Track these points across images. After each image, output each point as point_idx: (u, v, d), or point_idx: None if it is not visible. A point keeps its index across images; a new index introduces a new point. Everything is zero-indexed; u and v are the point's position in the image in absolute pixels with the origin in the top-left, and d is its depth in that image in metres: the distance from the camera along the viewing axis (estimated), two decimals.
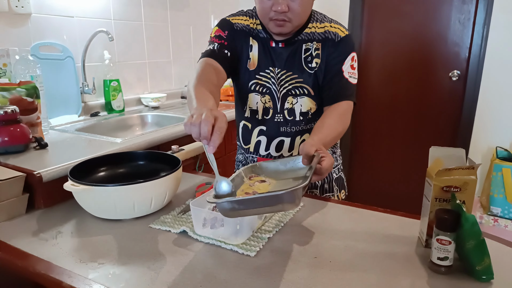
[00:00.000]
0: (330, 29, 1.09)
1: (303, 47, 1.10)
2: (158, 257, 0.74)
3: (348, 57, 1.09)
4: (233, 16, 1.14)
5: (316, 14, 1.12)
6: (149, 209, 0.91)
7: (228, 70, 1.09)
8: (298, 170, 0.89)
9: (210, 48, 1.09)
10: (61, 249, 0.78)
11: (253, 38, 1.12)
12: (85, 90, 1.84)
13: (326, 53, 1.08)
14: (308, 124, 1.15)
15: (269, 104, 1.14)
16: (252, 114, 1.17)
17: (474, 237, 0.64)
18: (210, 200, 0.68)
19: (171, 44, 2.42)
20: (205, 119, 0.68)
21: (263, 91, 1.13)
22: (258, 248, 0.76)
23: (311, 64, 1.10)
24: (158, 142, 1.46)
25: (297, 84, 1.11)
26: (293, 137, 1.15)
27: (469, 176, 0.71)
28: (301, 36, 1.10)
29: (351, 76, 1.10)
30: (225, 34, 1.11)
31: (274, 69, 1.11)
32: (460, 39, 2.46)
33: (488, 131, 2.45)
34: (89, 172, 1.01)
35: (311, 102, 1.13)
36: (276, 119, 1.14)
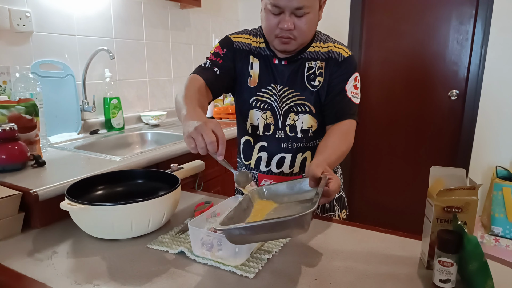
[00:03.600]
0: (333, 49, 1.11)
1: (306, 65, 1.11)
2: (155, 278, 0.72)
3: (352, 77, 1.10)
4: (236, 34, 1.17)
5: (320, 34, 1.14)
6: (146, 229, 0.90)
7: (215, 88, 1.11)
8: (305, 193, 0.88)
9: (202, 65, 1.14)
10: (56, 270, 0.76)
11: (254, 56, 1.14)
12: (85, 107, 1.84)
13: (329, 72, 1.10)
14: (309, 142, 1.16)
15: (270, 120, 1.15)
16: (253, 130, 1.18)
17: (477, 259, 0.62)
18: (218, 227, 0.67)
19: (172, 62, 2.45)
20: (209, 139, 0.81)
21: (264, 108, 1.14)
22: (257, 270, 0.75)
23: (313, 82, 1.11)
24: (157, 160, 1.45)
25: (299, 102, 1.12)
26: (294, 153, 1.15)
27: (471, 197, 0.70)
28: (304, 54, 1.11)
29: (354, 95, 1.11)
30: (222, 52, 1.14)
31: (276, 86, 1.12)
32: (458, 59, 2.49)
33: (487, 150, 2.45)
34: (87, 190, 1.00)
35: (312, 119, 1.13)
36: (277, 135, 1.15)
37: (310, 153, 1.16)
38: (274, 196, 0.90)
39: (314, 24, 1.05)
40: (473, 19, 2.40)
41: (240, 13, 3.13)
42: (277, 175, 1.18)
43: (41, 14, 1.65)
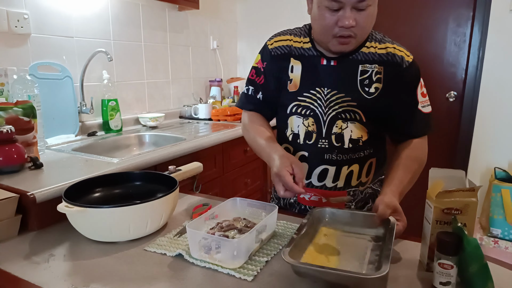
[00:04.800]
0: (394, 52, 0.97)
1: (359, 68, 0.99)
2: (153, 281, 0.72)
3: (419, 85, 1.00)
4: (276, 37, 1.08)
5: (374, 33, 1.02)
6: (144, 231, 0.89)
7: (268, 113, 1.13)
8: (367, 228, 0.85)
9: (245, 92, 1.14)
10: (53, 273, 0.75)
11: (294, 59, 1.04)
12: (83, 109, 1.84)
13: (391, 79, 0.98)
14: (357, 153, 1.03)
15: (313, 128, 1.03)
16: (294, 138, 1.07)
17: (477, 261, 0.62)
18: (289, 261, 0.65)
19: (170, 64, 2.44)
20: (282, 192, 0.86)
21: (306, 114, 1.03)
22: (256, 272, 0.74)
23: (369, 88, 0.98)
24: (155, 162, 1.45)
25: (349, 108, 1.00)
26: (339, 166, 1.03)
27: (470, 198, 0.70)
28: (356, 55, 0.99)
29: (424, 105, 1.01)
30: (263, 66, 1.08)
31: (323, 89, 1.01)
32: (456, 61, 2.49)
33: (486, 152, 2.45)
34: (84, 193, 0.99)
35: (363, 129, 1.01)
36: (319, 145, 1.03)
37: (358, 166, 1.04)
38: (336, 222, 0.87)
39: (373, 18, 0.93)
40: (471, 21, 2.41)
41: (239, 15, 3.14)
42: (319, 188, 1.05)
43: (39, 16, 1.64)
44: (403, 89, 0.99)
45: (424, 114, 1.01)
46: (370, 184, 1.09)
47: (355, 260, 0.75)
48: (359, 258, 0.75)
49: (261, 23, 3.05)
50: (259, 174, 2.38)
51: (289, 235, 0.91)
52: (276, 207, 0.90)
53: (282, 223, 0.98)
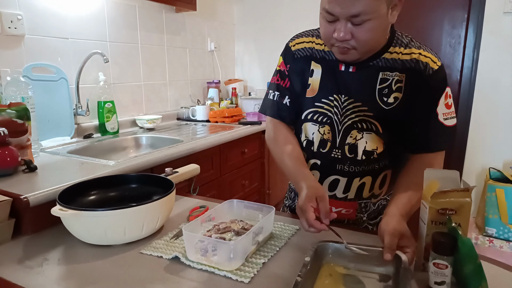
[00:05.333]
0: (419, 58, 0.90)
1: (379, 76, 0.92)
2: (149, 284, 0.71)
3: (443, 95, 0.92)
4: (298, 38, 1.04)
5: (401, 36, 0.94)
6: (140, 234, 0.89)
7: (294, 117, 1.06)
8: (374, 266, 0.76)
9: (270, 98, 1.08)
10: (47, 277, 0.75)
11: (315, 62, 0.99)
12: (78, 111, 1.83)
13: (413, 89, 0.91)
14: (370, 165, 0.98)
15: (328, 136, 0.99)
16: (308, 145, 1.03)
17: (471, 261, 0.62)
18: None
19: (167, 66, 2.44)
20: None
21: (323, 121, 0.99)
22: (253, 274, 0.74)
23: (387, 98, 0.92)
24: (152, 164, 1.44)
25: (365, 117, 0.94)
26: (351, 177, 0.99)
27: (464, 199, 0.70)
28: (378, 61, 0.92)
29: (447, 117, 0.93)
30: (287, 69, 1.04)
31: (340, 96, 0.96)
32: (451, 62, 2.51)
33: (481, 152, 2.47)
34: (79, 196, 0.99)
35: (379, 140, 0.96)
36: (333, 155, 0.99)
37: (370, 178, 0.99)
38: (340, 258, 0.78)
39: (379, 31, 0.85)
40: (465, 22, 2.42)
41: (236, 17, 3.14)
42: (330, 198, 0.98)
43: (33, 17, 1.64)
44: (424, 98, 0.91)
45: (445, 127, 0.93)
46: (384, 196, 1.05)
47: None
48: None
49: (258, 25, 3.05)
50: (256, 175, 2.38)
51: (286, 236, 0.91)
52: (273, 209, 0.90)
53: (279, 224, 0.98)
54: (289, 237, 0.91)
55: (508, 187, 2.15)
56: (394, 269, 0.73)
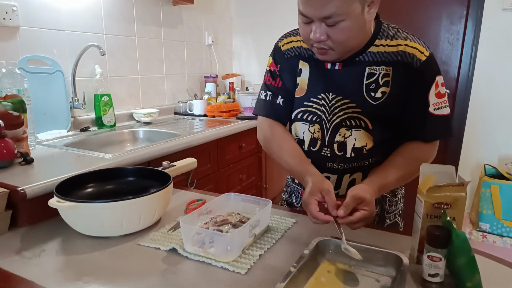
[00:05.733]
0: (405, 50, 0.89)
1: (366, 71, 0.92)
2: (146, 276, 0.72)
3: (433, 85, 0.90)
4: (286, 37, 1.04)
5: (387, 28, 0.92)
6: (137, 226, 0.89)
7: (287, 117, 1.06)
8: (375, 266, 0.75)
9: (263, 98, 1.07)
10: (45, 268, 0.75)
11: (303, 61, 0.99)
12: (75, 104, 1.82)
13: (401, 82, 0.90)
14: (360, 161, 0.98)
15: (318, 135, 0.99)
16: (299, 143, 1.03)
17: (465, 254, 0.63)
18: None
19: (164, 59, 2.43)
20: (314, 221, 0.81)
21: (313, 120, 0.99)
22: (249, 266, 0.75)
23: (374, 93, 0.91)
24: (149, 158, 1.45)
25: (354, 114, 0.94)
26: (341, 174, 1.00)
27: (459, 193, 0.71)
28: (363, 56, 0.92)
29: (438, 107, 0.91)
30: (277, 69, 1.04)
31: (328, 95, 0.96)
32: (449, 59, 2.52)
33: (476, 149, 2.49)
34: (76, 188, 0.99)
35: (368, 137, 0.95)
36: (322, 153, 0.99)
37: (361, 174, 0.99)
38: (341, 255, 0.77)
39: (355, 30, 0.84)
40: (464, 19, 2.43)
41: (233, 11, 3.13)
42: None
43: (28, 8, 1.62)
44: (414, 90, 0.90)
45: (437, 117, 0.91)
46: None
47: None
48: None
49: (256, 19, 3.04)
50: (254, 170, 2.39)
51: (282, 229, 0.91)
52: (270, 202, 0.90)
53: (276, 217, 0.98)
54: (285, 230, 0.92)
55: (502, 183, 2.17)
56: (395, 270, 0.73)
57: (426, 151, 0.95)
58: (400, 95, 0.91)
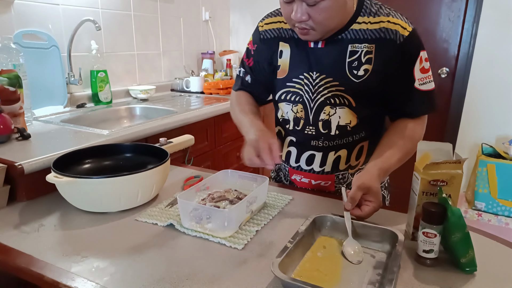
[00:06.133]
0: (388, 26, 0.87)
1: (348, 48, 0.91)
2: (144, 250, 0.73)
3: (417, 61, 0.90)
4: (267, 18, 1.03)
5: (370, 4, 0.91)
6: (135, 202, 0.89)
7: (257, 96, 1.12)
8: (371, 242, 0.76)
9: (238, 74, 1.13)
10: (43, 243, 0.76)
11: (284, 42, 0.99)
12: (71, 80, 1.80)
13: (384, 58, 0.89)
14: (344, 138, 0.99)
15: (301, 114, 1.00)
16: (284, 123, 1.06)
17: (460, 230, 0.64)
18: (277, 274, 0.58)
19: (161, 36, 2.38)
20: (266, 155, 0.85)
21: (295, 100, 1.00)
22: (246, 241, 0.75)
23: (357, 71, 0.91)
24: (146, 134, 1.44)
25: (337, 93, 0.94)
26: (326, 152, 1.01)
27: (456, 170, 0.71)
28: (346, 34, 0.91)
29: (423, 82, 0.92)
30: (253, 48, 1.06)
31: (311, 74, 0.95)
32: (449, 36, 2.48)
33: (474, 128, 2.49)
34: (74, 164, 0.99)
35: (352, 114, 0.95)
36: (306, 131, 1.00)
37: (346, 151, 1.01)
38: (337, 231, 0.78)
39: (335, 10, 0.83)
40: None
41: None
42: (307, 172, 1.05)
43: None
44: (398, 67, 0.90)
45: (423, 92, 0.92)
46: (363, 165, 1.06)
47: (355, 277, 0.66)
48: (358, 275, 0.66)
49: None
50: None
51: (279, 206, 0.92)
52: (267, 179, 0.91)
53: (273, 194, 0.99)
54: (282, 206, 0.92)
55: (499, 162, 2.18)
56: (390, 246, 0.73)
57: (418, 128, 0.96)
58: (383, 72, 0.91)
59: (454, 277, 0.65)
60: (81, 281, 0.63)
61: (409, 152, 0.93)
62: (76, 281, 0.63)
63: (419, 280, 0.65)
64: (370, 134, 1.02)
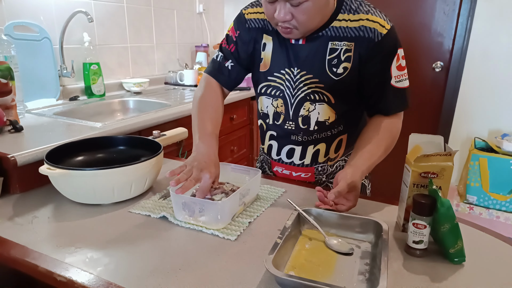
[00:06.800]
0: (366, 24, 0.88)
1: (328, 46, 0.92)
2: (138, 241, 0.73)
3: (394, 58, 0.91)
4: (252, 7, 1.02)
5: (350, 1, 0.91)
6: (129, 194, 0.90)
7: (231, 83, 1.08)
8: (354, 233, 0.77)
9: (214, 58, 1.08)
10: (37, 234, 0.76)
11: (267, 35, 0.99)
12: (63, 73, 1.78)
13: (362, 56, 0.91)
14: (323, 133, 1.01)
15: (281, 109, 1.01)
16: (264, 117, 1.07)
17: (449, 221, 0.65)
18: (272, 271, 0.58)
19: (154, 28, 2.37)
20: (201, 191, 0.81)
21: (276, 94, 1.01)
22: (239, 233, 0.76)
23: (336, 69, 0.92)
24: (139, 127, 1.44)
25: (317, 89, 0.95)
26: (305, 146, 1.04)
27: (446, 163, 0.72)
28: (326, 31, 0.91)
29: (400, 80, 0.93)
30: (236, 34, 1.03)
31: (292, 70, 0.96)
32: (444, 30, 2.49)
33: (467, 122, 2.51)
34: (67, 156, 0.98)
35: (331, 110, 0.98)
36: (286, 126, 1.02)
37: (324, 145, 1.03)
38: (322, 223, 0.78)
39: (318, 9, 0.85)
40: None
41: None
42: (288, 164, 1.08)
43: None
44: (375, 64, 0.91)
45: (398, 89, 0.93)
46: (342, 157, 1.08)
47: (344, 268, 0.67)
48: (348, 266, 0.67)
49: None
50: (245, 142, 2.39)
51: (272, 198, 0.93)
52: (260, 172, 0.91)
53: (266, 187, 1.00)
54: (275, 199, 0.93)
55: (491, 156, 2.21)
56: (374, 236, 0.75)
57: (395, 124, 0.97)
58: (363, 70, 0.92)
59: (442, 268, 0.67)
60: (75, 271, 0.64)
61: (388, 149, 0.94)
62: (70, 271, 0.64)
63: (408, 270, 0.66)
64: (348, 128, 1.04)
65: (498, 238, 0.78)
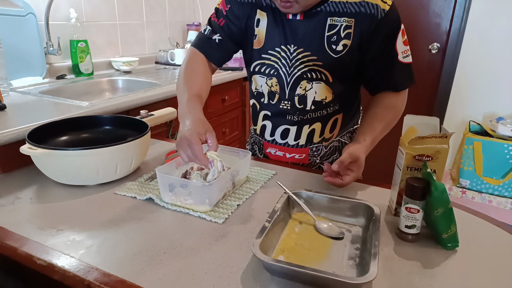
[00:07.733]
0: (368, 0, 0.85)
1: (327, 22, 0.88)
2: (122, 223, 0.71)
3: (399, 34, 0.89)
4: None
5: None
6: (114, 175, 0.87)
7: (218, 59, 1.02)
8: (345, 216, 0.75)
9: (202, 31, 1.02)
10: (19, 216, 0.73)
11: (261, 10, 0.94)
12: (49, 50, 1.72)
13: (364, 34, 0.87)
14: (319, 112, 0.99)
15: (276, 89, 0.98)
16: (258, 96, 1.03)
17: (443, 205, 0.63)
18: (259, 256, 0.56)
19: (144, 5, 2.29)
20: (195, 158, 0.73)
21: (270, 73, 0.97)
22: (227, 215, 0.74)
23: (336, 46, 0.89)
24: (127, 107, 1.40)
25: (314, 67, 0.92)
26: (300, 125, 1.01)
27: (442, 145, 0.70)
28: (325, 6, 0.88)
29: (406, 55, 0.91)
30: (226, 8, 0.98)
31: (288, 47, 0.92)
32: (442, 10, 2.43)
33: (463, 105, 2.49)
34: (51, 136, 0.95)
35: (328, 90, 0.95)
36: (281, 106, 0.99)
37: (320, 124, 1.00)
38: (312, 206, 0.76)
39: None
40: None
41: None
42: (282, 145, 1.05)
43: None
44: (380, 41, 0.88)
45: (405, 65, 0.92)
46: (337, 138, 1.06)
47: (334, 253, 0.65)
48: (338, 251, 0.66)
49: None
50: (237, 124, 2.36)
51: (262, 180, 0.91)
52: (249, 153, 0.89)
53: (256, 169, 0.97)
54: (265, 181, 0.91)
55: (486, 140, 2.20)
56: (365, 220, 0.73)
57: (401, 99, 0.97)
58: (362, 48, 0.89)
59: (435, 253, 0.65)
60: (55, 254, 0.62)
61: (392, 122, 0.95)
62: (51, 254, 0.62)
63: (400, 255, 0.64)
64: (344, 107, 1.02)
65: (491, 222, 0.76)
